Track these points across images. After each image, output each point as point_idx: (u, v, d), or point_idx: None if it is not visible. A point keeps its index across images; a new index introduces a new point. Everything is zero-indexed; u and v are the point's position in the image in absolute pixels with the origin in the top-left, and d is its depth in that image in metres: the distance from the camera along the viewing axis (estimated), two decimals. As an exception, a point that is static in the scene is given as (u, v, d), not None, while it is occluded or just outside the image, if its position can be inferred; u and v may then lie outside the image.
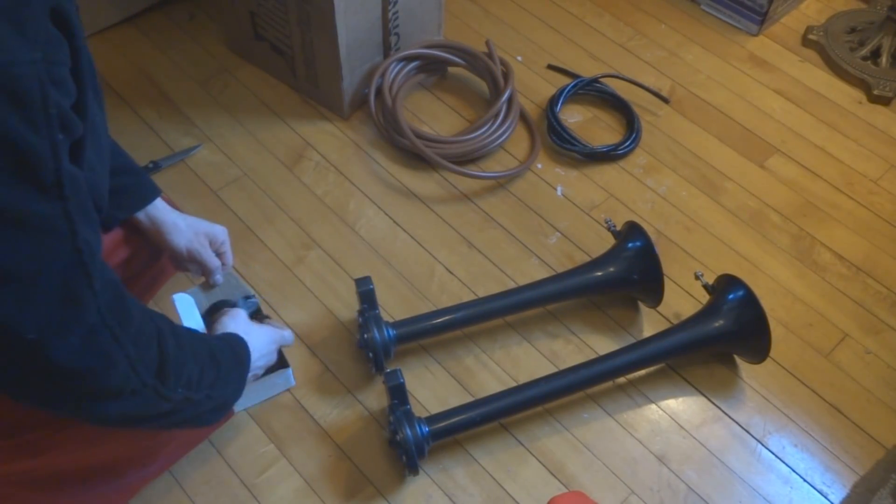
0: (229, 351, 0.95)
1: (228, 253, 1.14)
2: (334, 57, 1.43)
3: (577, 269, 1.28)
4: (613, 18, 1.76)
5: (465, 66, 1.57)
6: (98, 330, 0.70)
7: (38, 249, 0.63)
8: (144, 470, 1.04)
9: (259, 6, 1.48)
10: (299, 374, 1.21)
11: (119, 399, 0.75)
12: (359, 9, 1.40)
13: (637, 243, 1.25)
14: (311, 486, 1.12)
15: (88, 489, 0.95)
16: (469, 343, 1.26)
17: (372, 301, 1.18)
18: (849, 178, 1.50)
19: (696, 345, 1.21)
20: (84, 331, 0.69)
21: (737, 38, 1.74)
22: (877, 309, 1.33)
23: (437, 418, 1.11)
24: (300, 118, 1.54)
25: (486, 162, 1.48)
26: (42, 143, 0.60)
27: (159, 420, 0.83)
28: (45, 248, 0.64)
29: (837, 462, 1.17)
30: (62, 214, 0.64)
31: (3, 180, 0.59)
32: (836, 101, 1.62)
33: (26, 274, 0.63)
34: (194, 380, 0.84)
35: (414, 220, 1.40)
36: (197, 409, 0.86)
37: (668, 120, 1.58)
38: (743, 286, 1.20)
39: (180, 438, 1.06)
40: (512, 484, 1.13)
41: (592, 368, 1.17)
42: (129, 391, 0.75)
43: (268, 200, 1.41)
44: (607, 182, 1.47)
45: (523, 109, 1.55)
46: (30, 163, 0.60)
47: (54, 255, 0.65)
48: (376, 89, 1.49)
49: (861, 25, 1.73)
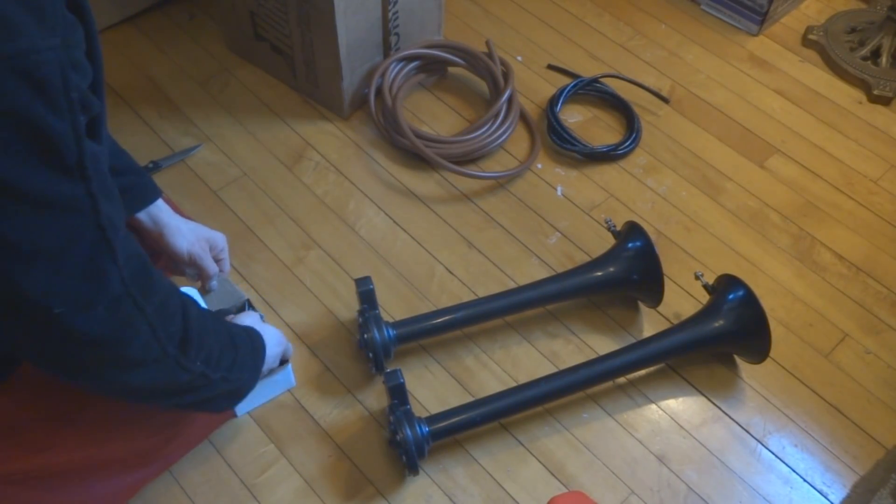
0: (247, 338, 0.97)
1: (226, 260, 1.16)
2: (334, 57, 1.43)
3: (577, 269, 1.28)
4: (613, 18, 1.76)
5: (465, 66, 1.57)
6: (122, 300, 0.72)
7: (64, 228, 0.66)
8: (144, 470, 1.04)
9: (259, 6, 1.48)
10: (299, 375, 1.21)
11: (141, 368, 0.77)
12: (359, 9, 1.40)
13: (637, 243, 1.25)
14: (311, 486, 1.12)
15: (87, 489, 0.95)
16: (469, 343, 1.26)
17: (372, 301, 1.18)
18: (849, 178, 1.50)
19: (696, 345, 1.21)
20: (108, 301, 0.71)
21: (737, 38, 1.74)
22: (877, 309, 1.33)
23: (437, 418, 1.11)
24: (300, 118, 1.54)
25: (486, 162, 1.48)
26: (65, 127, 0.62)
27: (176, 397, 0.85)
28: (70, 226, 0.66)
29: (837, 462, 1.17)
30: (86, 194, 0.66)
31: (31, 164, 0.61)
32: (836, 101, 1.62)
33: (53, 252, 0.65)
34: (213, 357, 0.86)
35: (414, 220, 1.40)
36: (212, 390, 0.88)
37: (668, 120, 1.58)
38: (743, 286, 1.20)
39: (180, 438, 1.07)
40: (512, 484, 1.13)
41: (592, 368, 1.17)
42: (151, 360, 0.77)
43: (268, 200, 1.42)
44: (607, 182, 1.47)
45: (523, 109, 1.55)
46: (54, 147, 0.62)
47: (79, 233, 0.67)
48: (376, 89, 1.49)
49: (861, 25, 1.73)
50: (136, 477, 1.03)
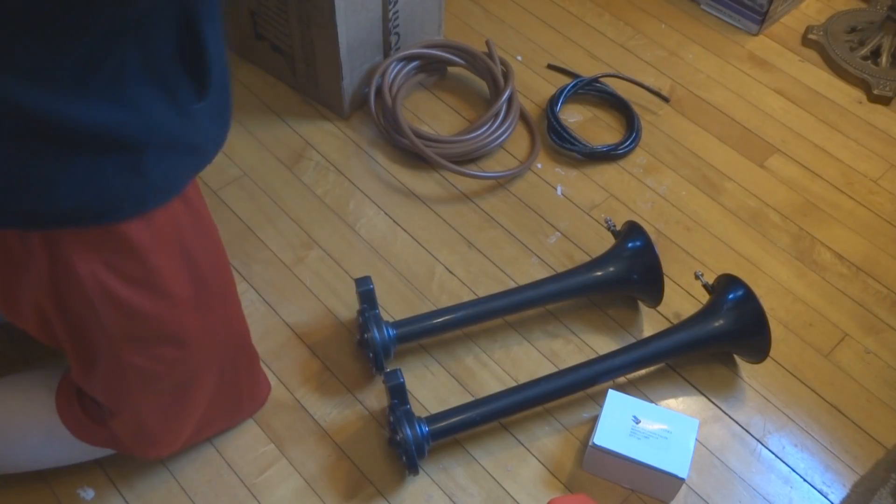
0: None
1: None
2: (334, 56, 1.43)
3: (578, 268, 1.28)
4: (613, 18, 1.76)
5: (465, 65, 1.57)
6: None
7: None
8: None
9: (259, 5, 1.48)
10: (299, 375, 1.21)
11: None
12: (359, 8, 1.40)
13: (637, 243, 1.25)
14: (311, 486, 1.12)
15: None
16: (469, 343, 1.26)
17: (372, 301, 1.18)
18: (849, 177, 1.50)
19: (696, 345, 1.21)
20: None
21: (737, 37, 1.74)
22: (877, 309, 1.33)
23: (437, 418, 1.11)
24: (300, 118, 1.54)
25: (486, 162, 1.49)
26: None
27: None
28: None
29: (837, 462, 1.17)
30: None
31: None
32: (836, 101, 1.62)
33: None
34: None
35: (414, 219, 1.40)
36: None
37: (668, 119, 1.58)
38: (743, 285, 1.20)
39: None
40: (512, 484, 1.13)
41: (592, 368, 1.17)
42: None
43: (268, 200, 1.42)
44: (607, 182, 1.47)
45: (523, 109, 1.55)
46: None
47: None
48: (376, 89, 1.49)
49: (861, 25, 1.73)
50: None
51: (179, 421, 1.04)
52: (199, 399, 1.03)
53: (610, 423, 1.09)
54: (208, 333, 0.96)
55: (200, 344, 0.96)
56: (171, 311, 0.90)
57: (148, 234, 0.83)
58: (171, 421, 1.03)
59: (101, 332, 0.87)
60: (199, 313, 0.93)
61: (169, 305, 0.89)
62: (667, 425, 1.09)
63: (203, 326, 0.95)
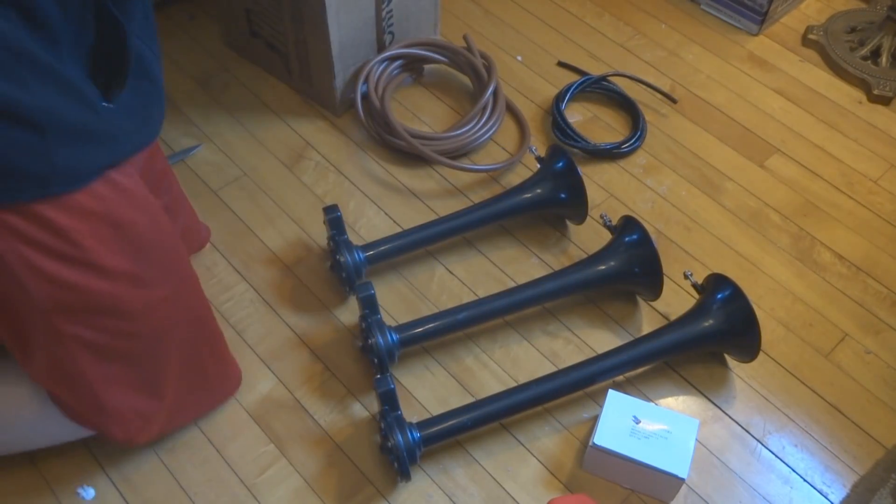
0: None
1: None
2: (326, 55, 1.43)
3: (576, 265, 1.28)
4: (613, 18, 1.76)
5: (447, 62, 1.57)
6: None
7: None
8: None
9: (254, 3, 1.48)
10: (299, 375, 1.22)
11: None
12: (351, 7, 1.40)
13: (633, 236, 1.25)
14: (311, 486, 1.12)
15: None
16: (469, 343, 1.26)
17: (373, 306, 1.18)
18: (849, 177, 1.50)
19: (686, 344, 1.20)
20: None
21: (737, 37, 1.74)
22: (877, 309, 1.33)
23: (428, 423, 1.10)
24: (300, 118, 1.54)
25: (476, 156, 1.49)
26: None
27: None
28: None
29: (837, 462, 1.17)
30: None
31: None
32: (836, 101, 1.62)
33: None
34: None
35: (414, 219, 1.40)
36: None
37: (668, 120, 1.58)
38: (731, 284, 1.19)
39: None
40: (512, 484, 1.13)
41: (585, 369, 1.16)
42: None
43: (268, 200, 1.42)
44: (607, 181, 1.47)
45: (509, 101, 1.55)
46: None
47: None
48: (362, 95, 1.49)
49: (861, 25, 1.73)
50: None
51: (143, 398, 1.04)
52: (161, 377, 1.04)
53: (610, 423, 1.09)
54: (156, 308, 0.98)
55: (150, 318, 0.97)
56: (104, 283, 0.90)
57: (65, 216, 0.84)
58: (132, 398, 1.03)
59: (31, 307, 0.89)
60: (144, 288, 0.95)
61: (99, 277, 0.90)
62: (667, 425, 1.09)
63: (149, 301, 0.96)
